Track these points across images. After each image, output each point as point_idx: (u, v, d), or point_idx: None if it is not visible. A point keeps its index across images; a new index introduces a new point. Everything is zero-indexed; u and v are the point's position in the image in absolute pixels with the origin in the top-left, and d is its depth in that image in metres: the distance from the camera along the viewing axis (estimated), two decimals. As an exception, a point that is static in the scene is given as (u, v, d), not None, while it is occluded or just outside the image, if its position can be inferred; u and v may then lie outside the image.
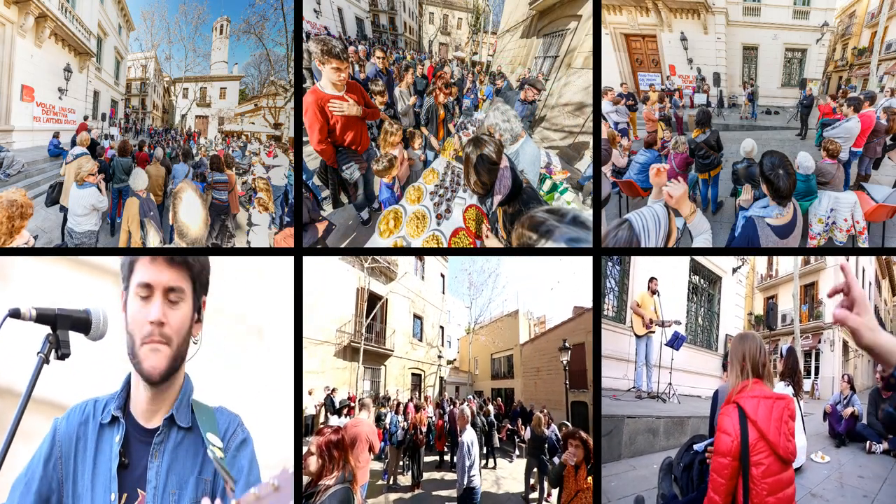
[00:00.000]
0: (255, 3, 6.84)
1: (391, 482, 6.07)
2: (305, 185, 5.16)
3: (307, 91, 5.06)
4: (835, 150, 5.22)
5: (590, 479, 4.03)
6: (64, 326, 1.62)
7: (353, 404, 6.22)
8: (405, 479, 6.13)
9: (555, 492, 4.48)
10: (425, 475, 6.24)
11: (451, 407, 6.96)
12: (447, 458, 6.67)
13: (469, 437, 5.08)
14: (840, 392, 5.38)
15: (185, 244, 3.14)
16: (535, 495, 5.59)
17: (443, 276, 8.06)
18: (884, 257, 7.08)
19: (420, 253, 5.03)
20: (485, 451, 6.52)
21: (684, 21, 7.31)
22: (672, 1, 7.14)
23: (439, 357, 8.04)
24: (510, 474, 6.42)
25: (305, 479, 2.98)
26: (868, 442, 4.85)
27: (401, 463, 6.23)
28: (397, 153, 5.37)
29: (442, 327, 8.16)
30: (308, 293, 4.01)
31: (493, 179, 3.32)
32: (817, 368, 6.96)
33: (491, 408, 7.06)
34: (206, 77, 7.70)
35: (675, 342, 5.60)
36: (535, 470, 5.61)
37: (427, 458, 6.53)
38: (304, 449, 3.09)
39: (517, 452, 6.84)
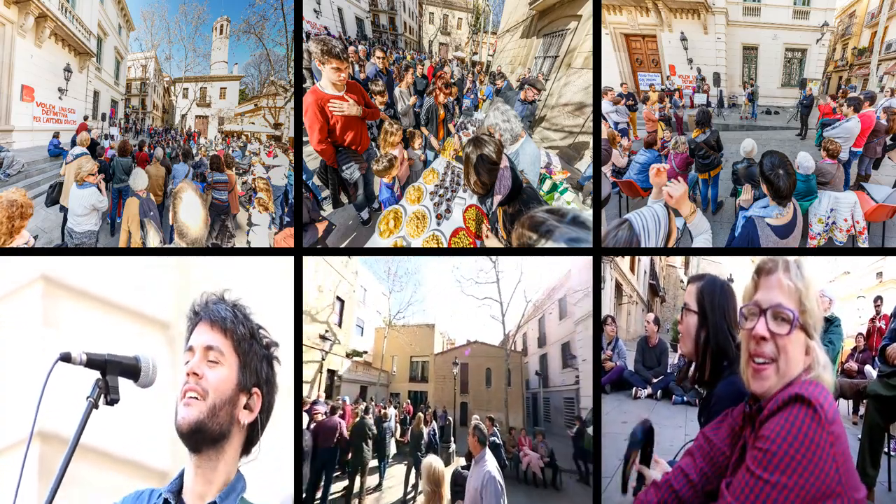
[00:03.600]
0: (255, 3, 6.83)
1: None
2: (305, 185, 5.16)
3: (307, 91, 5.07)
4: (835, 150, 5.22)
5: None
6: (113, 372, 1.59)
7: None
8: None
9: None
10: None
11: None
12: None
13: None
14: (604, 336, 5.18)
15: (185, 244, 3.14)
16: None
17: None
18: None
19: (420, 253, 5.01)
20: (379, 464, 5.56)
21: (684, 21, 7.30)
22: (672, 1, 7.13)
23: (323, 338, 5.55)
24: (399, 482, 5.61)
25: None
26: (634, 388, 5.06)
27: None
28: (397, 153, 5.37)
29: (341, 300, 6.04)
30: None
31: (493, 179, 3.33)
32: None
33: (390, 411, 6.03)
34: (206, 77, 7.69)
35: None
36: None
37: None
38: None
39: (421, 452, 5.74)
